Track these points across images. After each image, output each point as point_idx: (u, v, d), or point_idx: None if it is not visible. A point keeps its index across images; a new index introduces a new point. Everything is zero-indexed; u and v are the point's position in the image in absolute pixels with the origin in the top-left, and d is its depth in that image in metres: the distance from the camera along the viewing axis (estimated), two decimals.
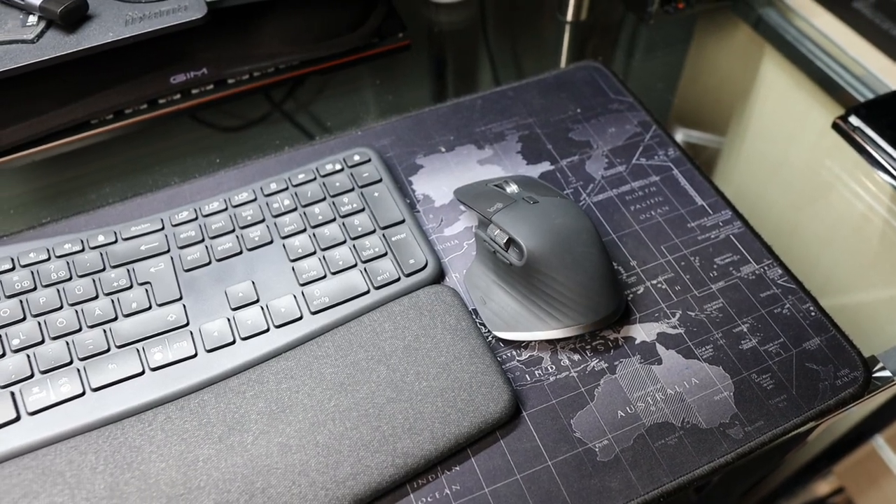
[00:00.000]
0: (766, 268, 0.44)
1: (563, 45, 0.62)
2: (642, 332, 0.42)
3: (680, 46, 0.63)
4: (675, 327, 0.42)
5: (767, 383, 0.40)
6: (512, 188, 0.43)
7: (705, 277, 0.44)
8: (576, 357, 0.41)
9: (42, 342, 0.40)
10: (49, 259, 0.43)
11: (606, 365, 0.40)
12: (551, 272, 0.39)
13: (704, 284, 0.44)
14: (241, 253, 0.43)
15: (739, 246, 0.46)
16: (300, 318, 0.41)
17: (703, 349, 0.41)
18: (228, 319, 0.40)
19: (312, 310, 0.41)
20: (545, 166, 0.50)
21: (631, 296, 0.43)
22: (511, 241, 0.40)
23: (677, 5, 0.62)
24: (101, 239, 0.44)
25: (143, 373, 0.39)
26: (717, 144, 0.57)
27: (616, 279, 0.41)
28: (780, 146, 0.55)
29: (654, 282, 0.44)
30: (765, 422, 0.38)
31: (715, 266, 0.45)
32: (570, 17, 0.63)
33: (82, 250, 0.43)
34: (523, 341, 0.41)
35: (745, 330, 0.42)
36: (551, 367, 0.40)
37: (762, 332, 0.42)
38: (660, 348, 0.41)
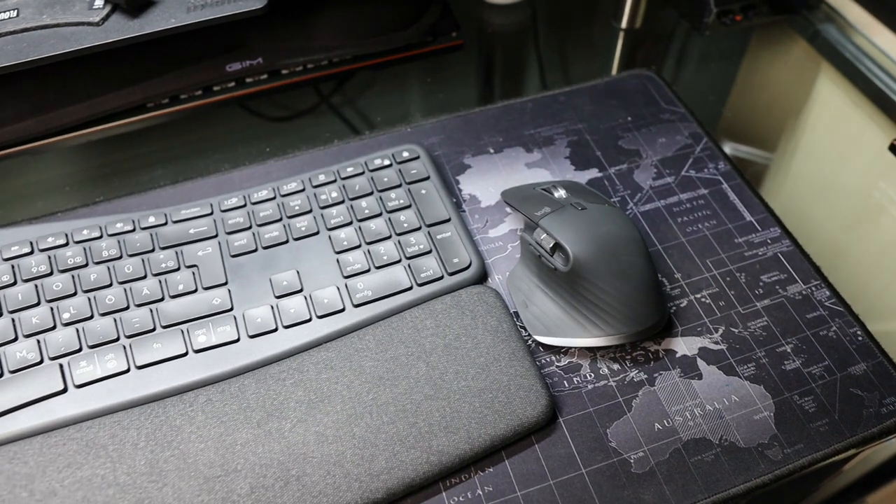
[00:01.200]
0: (813, 288, 0.44)
1: (615, 52, 0.62)
2: (684, 345, 0.41)
3: (733, 59, 0.63)
4: (717, 343, 0.42)
5: (809, 406, 0.39)
6: (560, 193, 0.43)
7: (750, 294, 0.44)
8: (615, 366, 0.41)
9: (91, 318, 0.41)
10: (101, 237, 0.44)
11: (646, 376, 0.40)
12: (596, 279, 0.39)
13: (749, 301, 0.43)
14: (287, 242, 0.44)
15: (787, 265, 0.45)
16: (342, 309, 0.41)
17: (745, 367, 0.41)
18: (272, 307, 0.41)
19: (355, 302, 0.41)
20: (593, 173, 0.50)
21: (674, 308, 0.43)
22: (557, 246, 0.40)
23: (734, 17, 0.61)
24: (151, 220, 0.45)
25: (186, 354, 0.40)
26: (764, 160, 0.56)
27: (660, 291, 0.41)
28: (832, 165, 0.54)
29: (698, 296, 0.44)
30: (805, 445, 0.38)
31: (761, 283, 0.44)
32: (624, 24, 0.63)
33: (133, 230, 0.44)
34: (563, 347, 0.41)
35: (788, 350, 0.41)
36: (590, 375, 0.40)
37: (806, 353, 0.41)
38: (701, 363, 0.41)
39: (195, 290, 0.42)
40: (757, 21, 0.63)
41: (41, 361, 0.39)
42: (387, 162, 0.47)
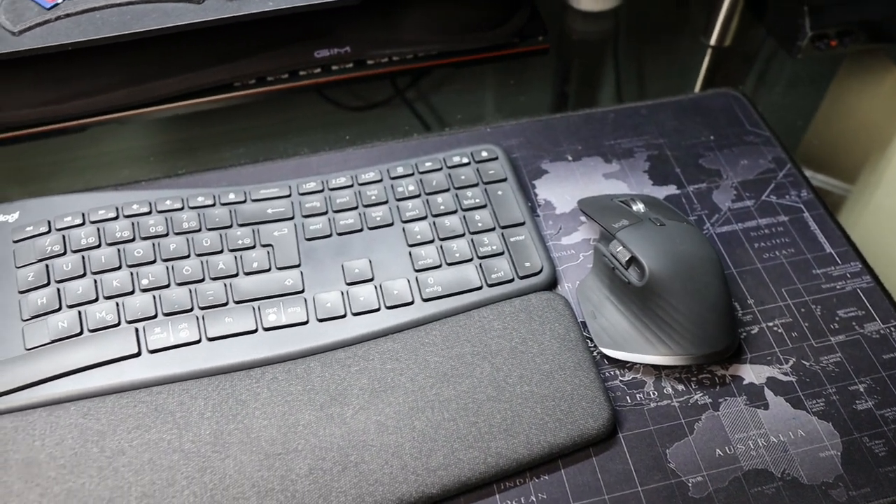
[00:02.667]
0: (892, 328, 0.42)
1: (700, 69, 0.61)
2: (752, 373, 0.41)
3: (820, 84, 0.61)
4: (786, 374, 0.41)
5: (880, 449, 0.38)
6: (638, 207, 0.43)
7: (825, 328, 0.42)
8: (680, 387, 0.40)
9: (168, 286, 0.42)
10: (183, 209, 0.45)
11: (710, 400, 0.40)
12: (670, 297, 0.38)
13: (823, 335, 0.42)
14: (361, 230, 0.44)
15: (866, 301, 0.44)
16: (411, 302, 0.41)
17: (814, 402, 0.40)
18: (342, 293, 0.42)
19: (424, 297, 0.41)
20: (671, 189, 0.49)
21: (744, 335, 0.42)
22: (633, 260, 0.39)
23: (829, 42, 0.60)
24: (231, 197, 0.46)
25: (255, 331, 0.40)
26: (841, 191, 0.54)
27: (733, 315, 0.40)
28: None
29: (771, 324, 0.43)
30: (872, 489, 0.36)
31: (837, 318, 0.43)
32: (713, 41, 0.62)
33: (213, 205, 0.45)
34: (629, 362, 0.41)
35: (861, 389, 0.40)
36: (653, 393, 0.40)
37: (880, 394, 0.40)
38: (768, 393, 0.40)
39: (269, 269, 0.43)
40: (852, 48, 0.61)
41: (118, 324, 0.40)
42: (465, 160, 0.48)
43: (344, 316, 0.41)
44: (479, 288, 0.42)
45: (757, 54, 0.62)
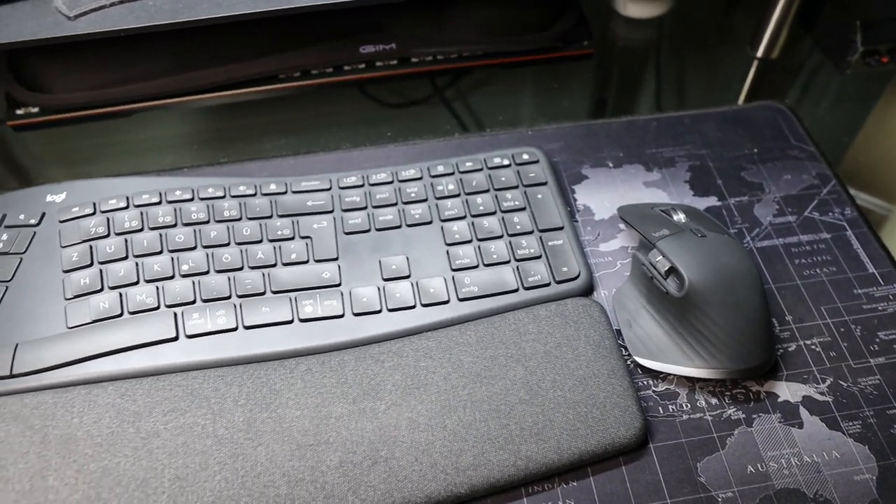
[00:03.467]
0: None
1: (745, 81, 0.60)
2: (787, 390, 0.40)
3: (867, 101, 0.60)
4: (823, 394, 0.40)
5: None
6: (679, 217, 0.42)
7: (865, 350, 0.42)
8: (713, 401, 0.40)
9: (207, 273, 0.42)
10: (224, 197, 0.45)
11: (744, 416, 0.39)
12: (709, 310, 0.38)
13: (863, 357, 0.42)
14: (400, 227, 0.45)
15: None
16: (447, 301, 0.41)
17: (851, 424, 0.39)
18: (379, 288, 0.42)
19: (460, 296, 0.41)
20: (712, 201, 0.48)
21: (781, 351, 0.42)
22: (672, 270, 0.39)
23: (881, 59, 0.59)
24: (272, 187, 0.46)
25: (291, 321, 0.41)
26: (886, 211, 0.53)
27: (772, 331, 0.40)
28: None
29: (809, 342, 0.42)
30: None
31: (877, 340, 0.42)
32: (760, 52, 0.61)
33: (254, 195, 0.46)
34: (662, 373, 0.40)
35: None
36: (686, 405, 0.39)
37: None
38: (803, 412, 0.39)
39: (307, 261, 0.43)
40: None
41: (158, 307, 0.41)
42: (506, 162, 0.47)
43: (379, 311, 0.41)
44: (516, 290, 0.42)
45: (807, 69, 0.61)
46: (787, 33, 0.61)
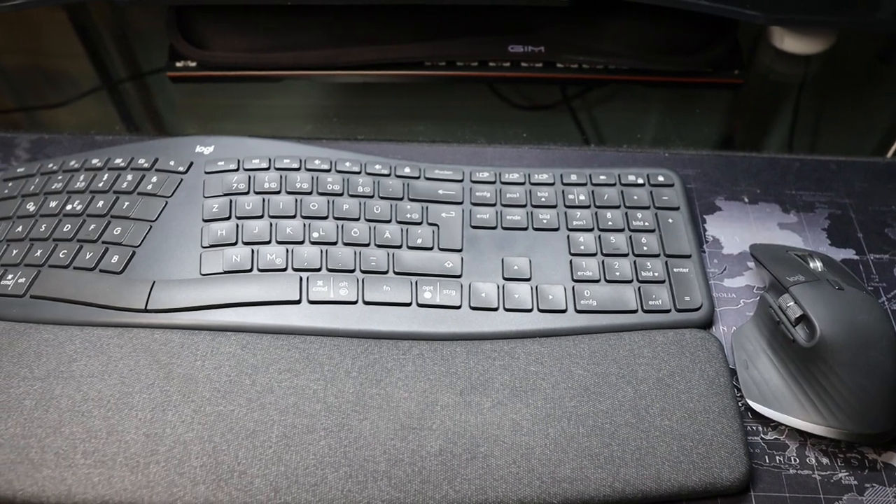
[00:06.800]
0: None
1: None
2: None
3: None
4: None
5: None
6: (816, 264, 0.41)
7: None
8: (824, 460, 0.38)
9: (335, 244, 0.44)
10: (360, 173, 0.47)
11: (855, 482, 0.38)
12: (836, 366, 0.37)
13: None
14: (526, 229, 0.45)
15: None
16: (564, 310, 0.41)
17: None
18: (498, 286, 0.42)
19: (578, 308, 0.41)
20: (849, 253, 0.47)
21: None
22: (804, 318, 0.38)
23: None
24: (407, 171, 0.47)
25: (409, 304, 0.42)
26: None
27: None
28: None
29: None
30: None
31: None
32: None
33: (389, 175, 0.47)
34: (774, 421, 0.39)
35: None
36: (794, 460, 0.38)
37: None
38: None
39: (431, 248, 0.44)
40: None
41: (286, 269, 0.42)
42: (640, 181, 0.47)
43: (496, 309, 0.41)
44: (634, 311, 0.41)
45: None
46: None
